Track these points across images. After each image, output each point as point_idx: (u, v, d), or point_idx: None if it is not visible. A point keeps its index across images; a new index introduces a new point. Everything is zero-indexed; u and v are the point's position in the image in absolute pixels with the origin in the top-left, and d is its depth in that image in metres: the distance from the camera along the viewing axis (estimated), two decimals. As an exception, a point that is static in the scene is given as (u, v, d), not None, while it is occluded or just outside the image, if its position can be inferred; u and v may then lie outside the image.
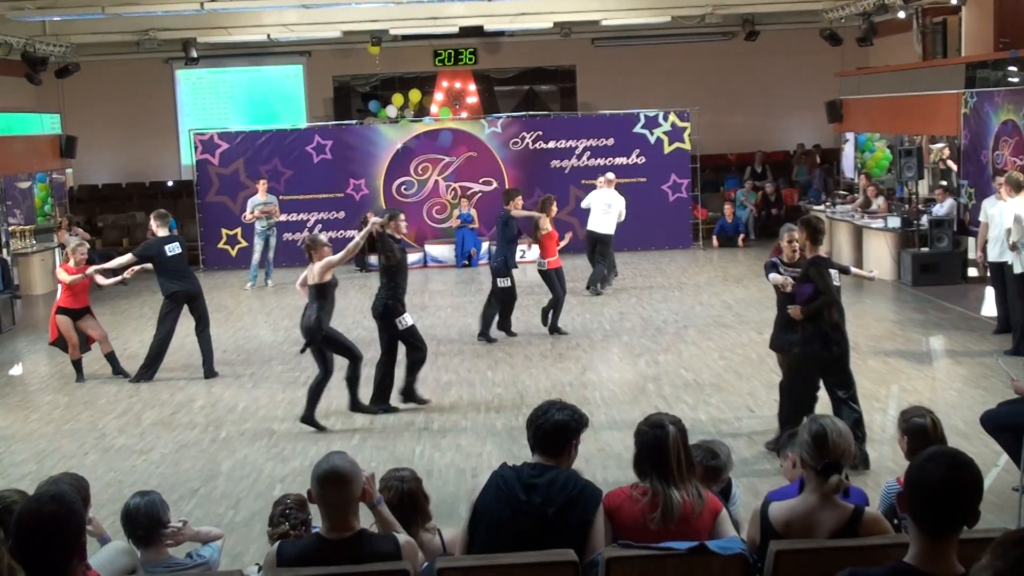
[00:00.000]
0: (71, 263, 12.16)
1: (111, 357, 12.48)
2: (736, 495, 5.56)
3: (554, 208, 14.08)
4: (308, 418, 10.08)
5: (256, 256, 18.73)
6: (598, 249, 16.61)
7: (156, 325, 12.35)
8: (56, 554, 3.31)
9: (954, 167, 17.12)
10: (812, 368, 8.51)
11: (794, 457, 5.41)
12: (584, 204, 17.09)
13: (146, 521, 4.91)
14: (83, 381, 12.31)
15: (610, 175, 17.35)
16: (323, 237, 11.64)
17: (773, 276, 9.12)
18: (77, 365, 12.43)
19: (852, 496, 4.39)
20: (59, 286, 12.47)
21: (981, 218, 13.20)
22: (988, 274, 13.52)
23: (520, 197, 13.82)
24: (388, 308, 10.50)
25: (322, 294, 10.02)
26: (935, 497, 3.03)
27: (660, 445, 4.45)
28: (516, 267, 13.54)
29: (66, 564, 3.33)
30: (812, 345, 8.46)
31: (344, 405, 10.64)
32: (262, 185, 18.90)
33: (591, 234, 16.61)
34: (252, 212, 18.64)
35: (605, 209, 16.54)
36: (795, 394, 8.60)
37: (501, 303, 13.55)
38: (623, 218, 16.81)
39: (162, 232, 12.26)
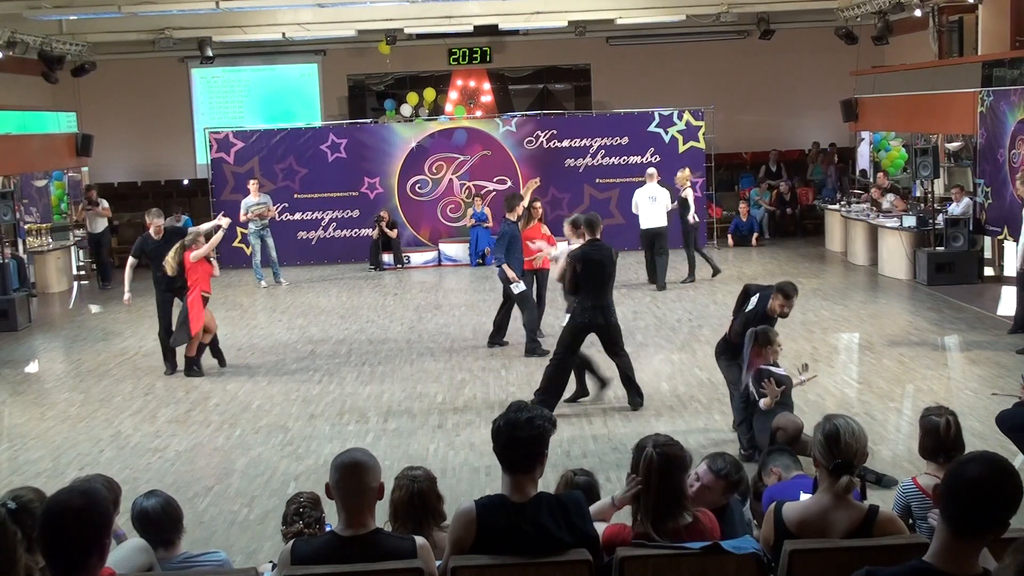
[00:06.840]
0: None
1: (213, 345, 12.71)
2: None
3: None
4: None
5: (257, 257, 18.81)
6: (656, 244, 16.80)
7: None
8: (77, 548, 3.32)
9: None
10: None
11: (778, 471, 5.44)
12: (633, 204, 17.24)
13: (157, 526, 4.89)
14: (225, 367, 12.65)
15: (652, 170, 17.58)
16: None
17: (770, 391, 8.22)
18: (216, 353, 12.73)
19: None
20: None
21: None
22: None
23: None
24: None
25: None
26: (968, 494, 3.01)
27: (646, 472, 4.28)
28: None
29: (85, 560, 3.34)
30: None
31: (356, 403, 10.71)
32: (254, 186, 18.91)
33: (645, 232, 16.83)
34: (246, 213, 18.64)
35: (650, 202, 16.77)
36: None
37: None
38: (671, 208, 17.00)
39: None
